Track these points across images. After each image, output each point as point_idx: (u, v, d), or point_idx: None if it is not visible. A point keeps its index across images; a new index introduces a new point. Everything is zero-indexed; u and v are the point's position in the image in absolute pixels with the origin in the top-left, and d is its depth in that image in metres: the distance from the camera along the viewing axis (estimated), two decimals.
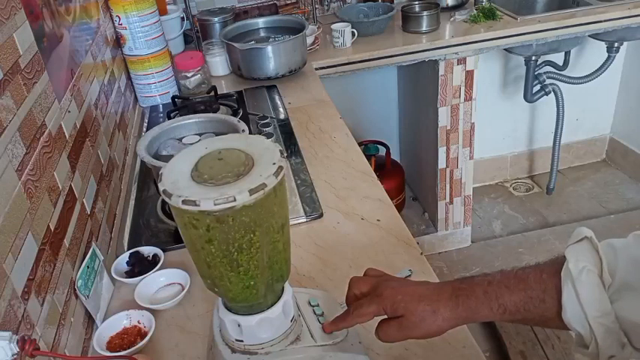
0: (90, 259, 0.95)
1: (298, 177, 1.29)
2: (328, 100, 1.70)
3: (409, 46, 2.03)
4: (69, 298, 0.87)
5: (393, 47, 2.03)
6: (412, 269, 0.99)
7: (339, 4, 2.42)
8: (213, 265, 0.63)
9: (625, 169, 2.90)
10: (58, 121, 0.97)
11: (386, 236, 1.09)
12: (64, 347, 0.81)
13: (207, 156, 0.63)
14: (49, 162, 0.88)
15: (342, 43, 2.06)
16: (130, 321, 0.93)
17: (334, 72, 2.03)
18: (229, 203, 0.56)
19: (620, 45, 2.39)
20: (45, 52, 0.97)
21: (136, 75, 1.72)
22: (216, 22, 2.06)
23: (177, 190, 0.58)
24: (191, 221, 0.59)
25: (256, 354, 0.71)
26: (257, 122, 1.57)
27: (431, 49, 2.05)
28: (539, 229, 2.51)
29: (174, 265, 1.03)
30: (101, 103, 1.30)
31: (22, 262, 0.72)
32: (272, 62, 1.79)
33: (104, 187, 1.17)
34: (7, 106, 0.77)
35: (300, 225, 1.14)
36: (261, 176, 0.59)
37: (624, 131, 2.90)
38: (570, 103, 2.59)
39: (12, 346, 0.60)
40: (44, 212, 0.82)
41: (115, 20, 1.63)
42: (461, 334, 0.86)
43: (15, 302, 0.68)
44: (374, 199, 1.20)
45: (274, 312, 0.70)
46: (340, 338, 0.75)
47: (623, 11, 2.11)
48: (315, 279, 1.00)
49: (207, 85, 1.76)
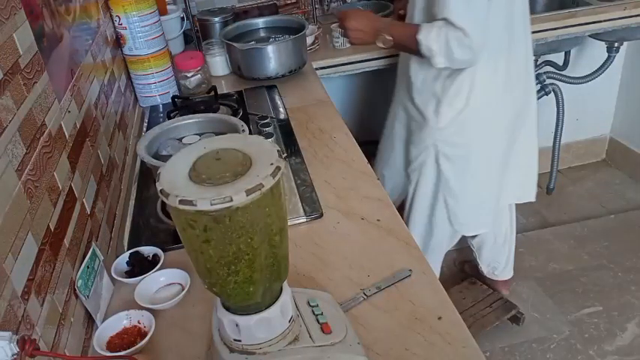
0: (90, 259, 0.95)
1: (298, 177, 1.29)
2: (328, 100, 1.70)
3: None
4: (69, 298, 0.87)
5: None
6: (412, 269, 0.99)
7: (338, 4, 2.42)
8: (211, 265, 0.63)
9: (625, 169, 2.90)
10: (58, 121, 0.97)
11: (386, 236, 1.09)
12: (64, 347, 0.81)
13: (205, 156, 0.63)
14: (49, 162, 0.88)
15: (342, 43, 2.06)
16: (130, 321, 0.93)
17: (334, 72, 2.03)
18: (226, 203, 0.56)
19: (620, 45, 2.38)
20: (45, 52, 0.97)
21: (136, 75, 1.72)
22: (216, 22, 2.06)
23: (175, 189, 0.58)
24: (188, 221, 0.59)
25: (254, 354, 0.71)
26: (257, 122, 1.57)
27: None
28: (539, 229, 2.51)
29: (174, 265, 1.04)
30: (101, 103, 1.30)
31: (22, 262, 0.73)
32: (272, 62, 1.79)
33: (104, 187, 1.17)
34: (7, 106, 0.77)
35: (300, 225, 1.14)
36: (258, 176, 0.59)
37: (624, 131, 2.90)
38: (570, 103, 2.58)
39: (12, 346, 0.60)
40: (44, 212, 0.83)
41: (115, 20, 1.63)
42: (461, 334, 0.86)
43: (15, 302, 0.69)
44: (374, 199, 1.20)
45: (272, 312, 0.70)
46: (339, 339, 0.75)
47: (623, 11, 2.11)
48: (315, 279, 1.00)
49: (207, 85, 1.76)
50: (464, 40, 1.34)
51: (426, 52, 1.40)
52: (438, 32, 1.36)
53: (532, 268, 2.27)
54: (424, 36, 1.38)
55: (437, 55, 1.39)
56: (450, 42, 1.35)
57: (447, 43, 1.35)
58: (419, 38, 1.39)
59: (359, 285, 0.97)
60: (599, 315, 2.04)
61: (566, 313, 2.05)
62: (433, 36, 1.37)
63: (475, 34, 1.33)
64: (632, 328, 1.98)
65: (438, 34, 1.36)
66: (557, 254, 2.34)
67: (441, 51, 1.38)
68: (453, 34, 1.34)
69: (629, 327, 1.99)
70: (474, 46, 1.35)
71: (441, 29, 1.35)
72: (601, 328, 1.99)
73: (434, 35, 1.37)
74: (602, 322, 2.01)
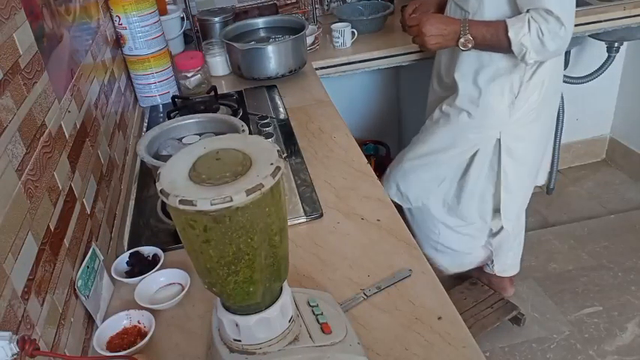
0: (90, 259, 0.95)
1: (298, 177, 1.29)
2: (328, 100, 1.70)
3: (409, 45, 2.03)
4: (69, 298, 0.87)
5: (394, 47, 2.03)
6: (412, 269, 0.99)
7: (338, 4, 2.42)
8: (211, 265, 0.63)
9: (625, 169, 2.90)
10: (58, 121, 0.97)
11: (386, 236, 1.09)
12: (64, 347, 0.81)
13: (205, 156, 0.63)
14: (49, 162, 0.88)
15: (342, 43, 2.06)
16: (130, 321, 0.93)
17: (334, 72, 2.03)
18: (226, 203, 0.56)
19: (620, 45, 2.38)
20: (45, 52, 0.97)
21: (136, 75, 1.72)
22: (216, 22, 2.06)
23: (175, 189, 0.58)
24: (188, 221, 0.59)
25: (254, 354, 0.71)
26: (257, 122, 1.57)
27: None
28: (539, 229, 2.51)
29: (174, 265, 1.04)
30: (101, 103, 1.30)
31: (22, 262, 0.73)
32: (272, 62, 1.79)
33: (104, 187, 1.17)
34: (7, 106, 0.77)
35: (300, 225, 1.14)
36: (258, 176, 0.59)
37: (624, 131, 2.90)
38: (570, 103, 2.58)
39: (12, 346, 0.60)
40: (44, 212, 0.83)
41: (115, 20, 1.63)
42: (461, 334, 0.86)
43: (15, 302, 0.69)
44: (374, 199, 1.20)
45: (272, 312, 0.70)
46: (339, 339, 0.75)
47: (623, 11, 2.11)
48: (315, 279, 1.00)
49: (207, 85, 1.76)
50: (558, 31, 1.31)
51: (518, 49, 1.37)
52: (529, 27, 1.33)
53: (532, 268, 2.27)
54: (515, 33, 1.35)
55: (529, 51, 1.36)
56: (544, 36, 1.32)
57: (540, 37, 1.33)
58: (510, 36, 1.35)
59: (359, 285, 0.97)
60: (599, 315, 2.04)
61: (566, 313, 2.05)
62: (525, 31, 1.34)
63: (569, 22, 1.31)
64: (632, 328, 1.98)
65: (529, 29, 1.33)
66: (557, 254, 2.34)
67: (533, 46, 1.35)
68: (545, 26, 1.31)
69: (629, 327, 1.99)
70: (568, 35, 1.33)
71: (532, 23, 1.33)
72: (601, 328, 1.99)
73: (525, 31, 1.34)
74: (602, 322, 2.01)
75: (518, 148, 1.61)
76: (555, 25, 1.31)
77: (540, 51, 1.36)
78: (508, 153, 1.61)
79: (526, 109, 1.55)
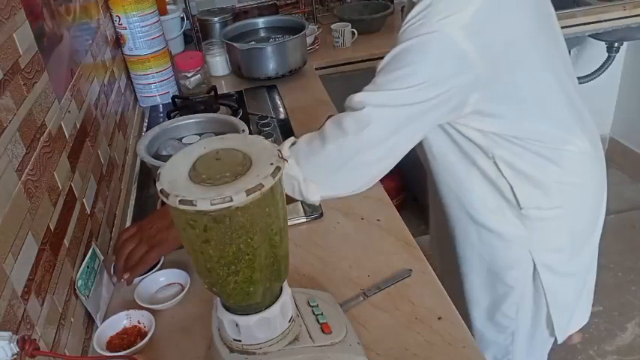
0: (90, 259, 0.95)
1: None
2: (328, 100, 1.70)
3: None
4: (69, 298, 0.87)
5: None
6: (412, 269, 0.99)
7: (339, 4, 2.42)
8: (211, 265, 0.63)
9: (625, 169, 2.90)
10: (58, 121, 0.97)
11: (386, 236, 1.09)
12: (64, 347, 0.81)
13: (205, 156, 0.63)
14: (49, 162, 0.88)
15: (342, 43, 2.07)
16: (130, 321, 0.93)
17: (334, 72, 2.03)
18: (226, 203, 0.56)
19: (620, 45, 2.39)
20: (45, 52, 0.97)
21: (136, 75, 1.72)
22: (216, 22, 2.06)
23: (175, 189, 0.58)
24: (188, 221, 0.59)
25: (254, 354, 0.71)
26: (257, 122, 1.57)
27: None
28: None
29: (174, 265, 1.03)
30: (101, 103, 1.30)
31: (22, 262, 0.73)
32: (272, 62, 1.79)
33: (104, 187, 1.17)
34: (7, 106, 0.77)
35: (300, 225, 1.14)
36: (258, 176, 0.59)
37: (624, 131, 2.90)
38: None
39: (12, 346, 0.60)
40: (44, 212, 0.83)
41: (115, 20, 1.63)
42: (461, 334, 0.86)
43: (15, 302, 0.69)
44: (374, 199, 1.20)
45: (272, 312, 0.70)
46: (339, 339, 0.75)
47: (623, 11, 2.11)
48: (315, 279, 1.00)
49: (207, 85, 1.76)
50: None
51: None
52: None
53: None
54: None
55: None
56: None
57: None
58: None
59: (359, 285, 0.97)
60: (599, 315, 2.03)
61: None
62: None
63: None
64: (632, 328, 1.98)
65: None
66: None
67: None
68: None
69: (629, 327, 1.99)
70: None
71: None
72: (601, 328, 1.99)
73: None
74: (602, 322, 2.01)
75: (557, 258, 1.16)
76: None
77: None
78: (547, 268, 1.15)
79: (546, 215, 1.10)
